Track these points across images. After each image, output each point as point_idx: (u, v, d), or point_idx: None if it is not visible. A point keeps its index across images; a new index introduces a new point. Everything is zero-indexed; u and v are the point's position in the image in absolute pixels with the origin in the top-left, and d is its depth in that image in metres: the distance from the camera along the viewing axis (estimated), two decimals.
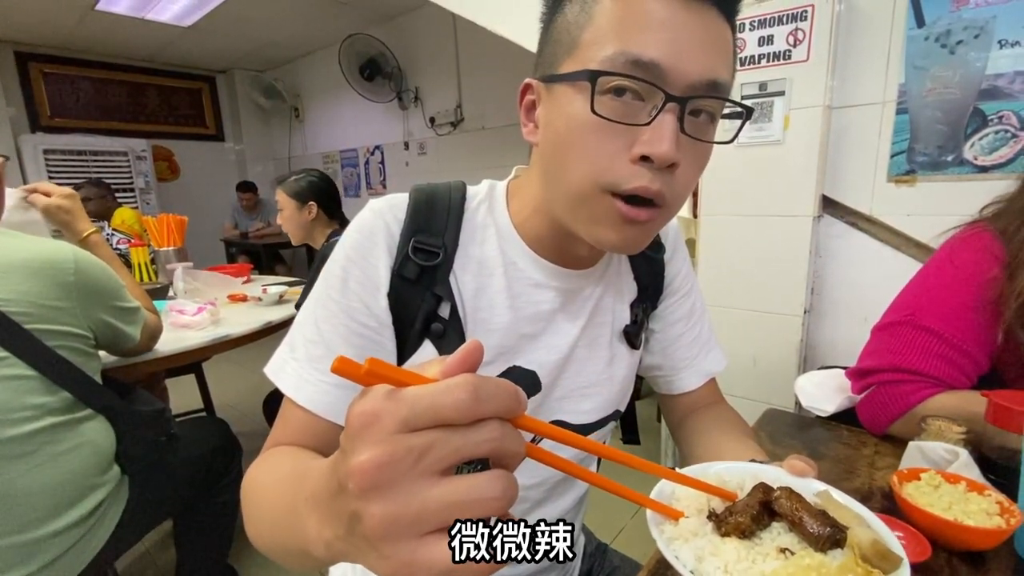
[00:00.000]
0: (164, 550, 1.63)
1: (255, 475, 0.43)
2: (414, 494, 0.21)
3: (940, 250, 0.80)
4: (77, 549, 0.88)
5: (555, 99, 0.44)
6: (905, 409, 0.73)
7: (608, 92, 0.40)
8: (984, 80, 1.11)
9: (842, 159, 1.29)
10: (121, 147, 4.28)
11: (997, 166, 1.13)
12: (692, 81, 0.40)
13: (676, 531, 0.37)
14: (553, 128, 0.44)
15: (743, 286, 1.42)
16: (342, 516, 0.24)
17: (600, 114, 0.40)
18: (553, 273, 0.54)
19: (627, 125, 0.40)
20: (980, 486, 0.53)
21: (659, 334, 0.66)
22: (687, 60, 0.39)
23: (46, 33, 3.83)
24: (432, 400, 0.22)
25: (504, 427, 0.23)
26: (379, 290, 0.49)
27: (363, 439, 0.22)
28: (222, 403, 2.47)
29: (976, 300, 0.71)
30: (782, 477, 0.43)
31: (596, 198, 0.43)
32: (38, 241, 0.88)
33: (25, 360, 0.82)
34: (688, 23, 0.39)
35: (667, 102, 0.39)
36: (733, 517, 0.37)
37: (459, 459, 0.22)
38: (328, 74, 4.21)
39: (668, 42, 0.39)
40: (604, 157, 0.41)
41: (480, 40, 3.17)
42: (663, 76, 0.39)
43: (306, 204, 1.74)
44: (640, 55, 0.39)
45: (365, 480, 0.21)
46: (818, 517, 0.36)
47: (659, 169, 0.41)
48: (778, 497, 0.38)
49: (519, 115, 0.50)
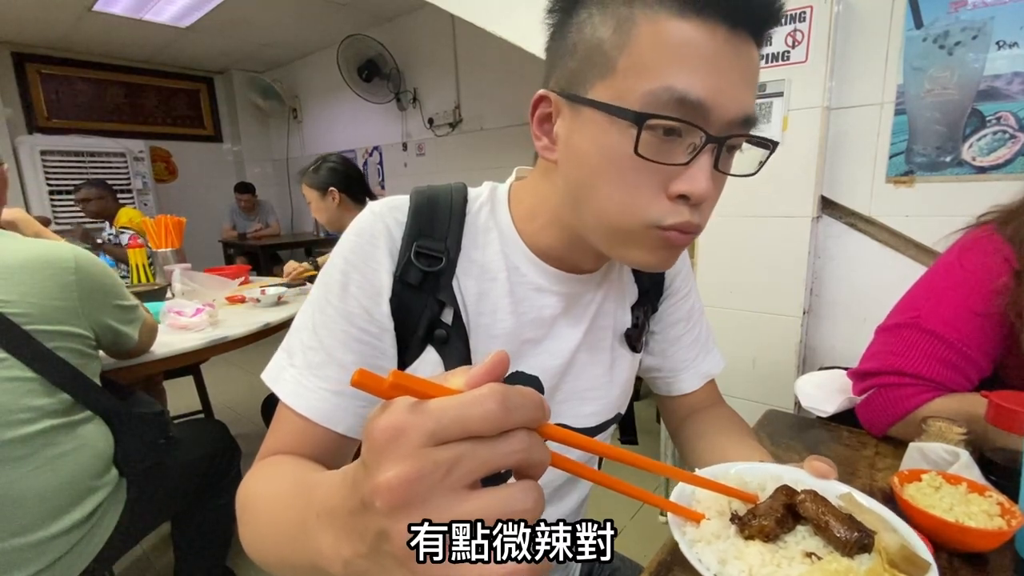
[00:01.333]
0: (163, 553, 1.63)
1: (253, 487, 0.42)
2: (444, 509, 0.21)
3: (949, 252, 0.79)
4: (75, 552, 0.88)
5: (583, 123, 0.42)
6: (904, 413, 0.73)
7: (649, 130, 0.39)
8: (982, 81, 1.11)
9: (841, 160, 1.29)
10: (118, 148, 4.27)
11: (995, 167, 1.13)
12: (730, 119, 0.40)
13: (698, 533, 0.37)
14: (582, 154, 0.43)
15: (742, 287, 1.42)
16: (366, 534, 0.23)
17: (643, 156, 0.39)
18: (555, 278, 0.53)
19: (667, 165, 0.40)
20: (981, 487, 0.53)
21: (659, 336, 0.66)
22: (728, 98, 0.39)
23: (43, 34, 3.82)
24: (459, 412, 0.21)
25: (531, 437, 0.23)
26: (381, 295, 0.48)
27: (389, 455, 0.21)
28: (221, 405, 2.46)
29: (984, 304, 0.70)
30: (804, 479, 0.42)
31: (637, 231, 0.43)
32: (38, 241, 0.88)
33: (24, 362, 0.82)
34: (730, 58, 0.39)
35: (707, 143, 0.39)
36: (757, 520, 0.36)
37: (488, 471, 0.21)
38: (326, 75, 4.20)
39: (713, 80, 0.38)
40: (643, 195, 0.41)
41: (478, 41, 3.17)
42: (706, 115, 0.39)
43: (328, 191, 1.74)
44: (686, 93, 0.38)
45: (394, 498, 0.21)
46: (845, 521, 0.35)
47: (695, 205, 0.42)
48: (803, 500, 0.37)
49: (530, 126, 0.48)
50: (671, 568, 0.51)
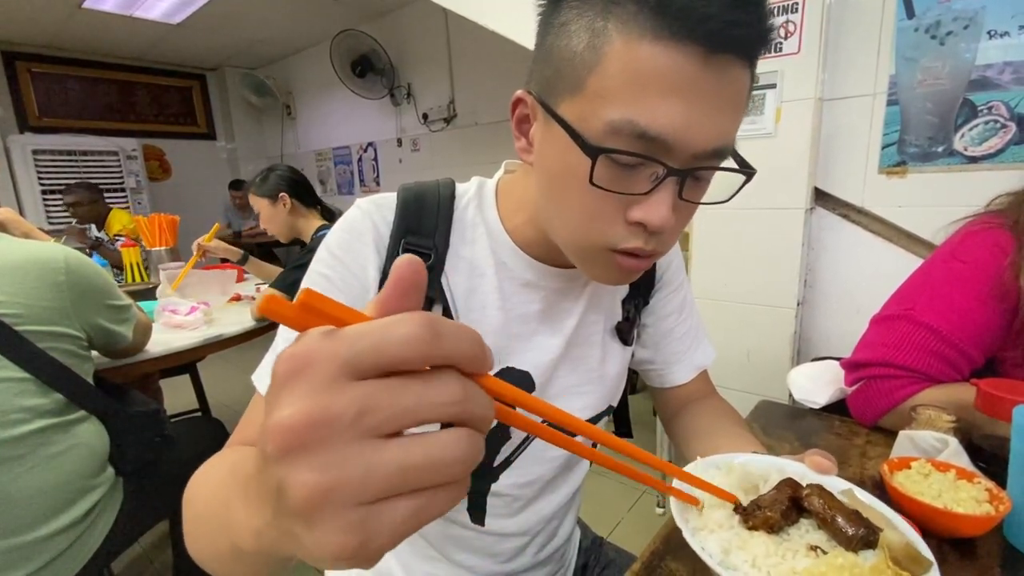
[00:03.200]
0: (161, 551, 1.63)
1: (195, 478, 0.38)
2: (354, 458, 0.17)
3: (947, 243, 0.79)
4: (73, 551, 0.88)
5: (551, 135, 0.41)
6: (892, 404, 0.73)
7: (608, 159, 0.38)
8: (974, 71, 1.12)
9: (833, 151, 1.29)
10: (111, 147, 4.23)
11: (987, 156, 1.13)
12: (697, 151, 0.38)
13: (701, 522, 0.37)
14: (550, 166, 0.43)
15: (736, 279, 1.42)
16: (268, 493, 0.19)
17: (598, 185, 0.38)
18: (543, 273, 0.53)
19: (625, 195, 0.39)
20: (970, 474, 0.53)
21: (651, 328, 0.66)
22: (695, 132, 0.36)
23: (33, 32, 3.78)
24: (379, 336, 0.17)
25: (466, 384, 0.19)
26: (368, 292, 0.48)
27: (290, 390, 0.17)
28: (217, 403, 2.46)
29: (981, 296, 0.70)
30: (806, 473, 0.42)
31: (592, 250, 0.43)
32: (27, 242, 0.88)
33: (16, 362, 0.81)
34: (704, 85, 0.36)
35: (668, 175, 0.38)
36: (761, 511, 0.36)
37: (413, 423, 0.18)
38: (320, 71, 4.18)
39: (679, 112, 0.36)
40: (601, 218, 0.41)
41: (472, 35, 3.15)
42: (668, 149, 0.37)
43: (278, 197, 1.71)
44: (647, 128, 0.36)
45: (288, 440, 0.17)
46: (851, 517, 0.35)
47: (653, 232, 0.41)
48: (809, 495, 0.37)
49: (511, 126, 0.47)
50: (663, 557, 0.52)
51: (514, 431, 0.55)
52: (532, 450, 0.58)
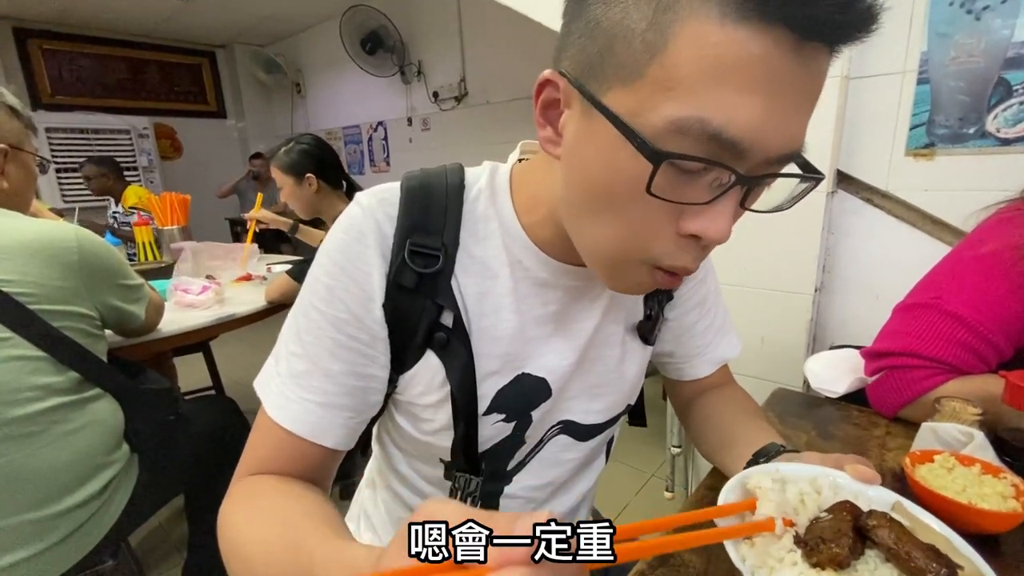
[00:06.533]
0: (177, 524, 1.67)
1: (236, 523, 0.40)
2: None
3: (977, 229, 0.76)
4: (89, 525, 0.90)
5: (593, 129, 0.34)
6: (916, 395, 0.71)
7: (669, 166, 0.32)
8: (1011, 48, 1.06)
9: (858, 132, 1.25)
10: (123, 125, 4.25)
11: (1020, 139, 1.08)
12: (771, 156, 0.32)
13: (759, 558, 0.34)
14: (587, 166, 0.36)
15: (753, 264, 1.39)
16: None
17: (656, 195, 0.32)
18: (561, 271, 0.48)
19: (684, 204, 0.34)
20: (995, 468, 0.52)
21: (672, 323, 0.63)
22: (773, 134, 0.31)
23: (43, 8, 3.76)
24: None
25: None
26: (372, 300, 0.44)
27: None
28: (231, 381, 2.50)
29: (1012, 285, 0.68)
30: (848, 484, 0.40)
31: (629, 264, 0.38)
32: (39, 221, 0.88)
33: (31, 340, 0.82)
34: (791, 77, 0.30)
35: (735, 184, 0.32)
36: (826, 546, 0.33)
37: None
38: (329, 48, 4.12)
39: (759, 111, 0.30)
40: (648, 230, 0.35)
41: (484, 11, 3.08)
42: (741, 153, 0.31)
43: (304, 177, 1.61)
44: (722, 130, 0.30)
45: None
46: (928, 553, 0.33)
47: (705, 246, 0.36)
48: (876, 526, 0.35)
49: (534, 110, 0.40)
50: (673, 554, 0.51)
51: (527, 437, 0.53)
52: (546, 453, 0.56)
